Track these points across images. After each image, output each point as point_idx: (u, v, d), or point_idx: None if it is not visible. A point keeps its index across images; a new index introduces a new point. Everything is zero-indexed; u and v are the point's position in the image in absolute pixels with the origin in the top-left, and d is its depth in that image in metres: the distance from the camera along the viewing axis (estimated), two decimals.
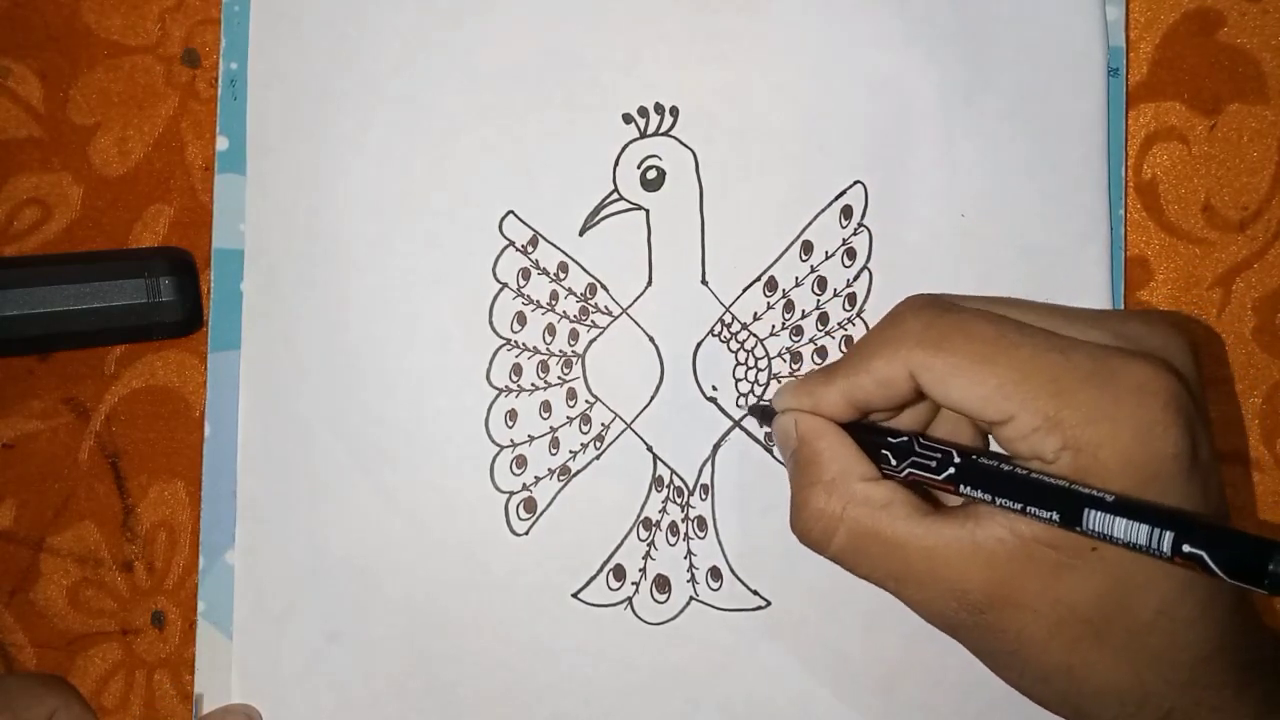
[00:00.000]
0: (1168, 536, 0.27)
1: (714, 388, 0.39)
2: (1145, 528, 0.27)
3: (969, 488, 0.31)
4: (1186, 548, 0.27)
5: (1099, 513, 0.28)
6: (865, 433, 0.34)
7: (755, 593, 0.39)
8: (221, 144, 0.40)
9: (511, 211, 0.40)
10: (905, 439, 0.33)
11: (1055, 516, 0.29)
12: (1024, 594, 0.30)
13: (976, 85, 0.40)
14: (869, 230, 0.40)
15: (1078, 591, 0.30)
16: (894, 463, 0.33)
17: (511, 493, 0.39)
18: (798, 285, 0.40)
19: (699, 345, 0.40)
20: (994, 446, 0.35)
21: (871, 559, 0.32)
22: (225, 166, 0.40)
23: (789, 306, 0.40)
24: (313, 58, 0.40)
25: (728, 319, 0.40)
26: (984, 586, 0.30)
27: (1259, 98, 0.41)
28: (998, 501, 0.30)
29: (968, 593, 0.31)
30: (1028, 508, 0.29)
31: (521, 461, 0.39)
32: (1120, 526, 0.28)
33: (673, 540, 0.39)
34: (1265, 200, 0.41)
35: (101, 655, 0.40)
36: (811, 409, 0.34)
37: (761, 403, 0.39)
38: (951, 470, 0.31)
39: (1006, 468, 0.30)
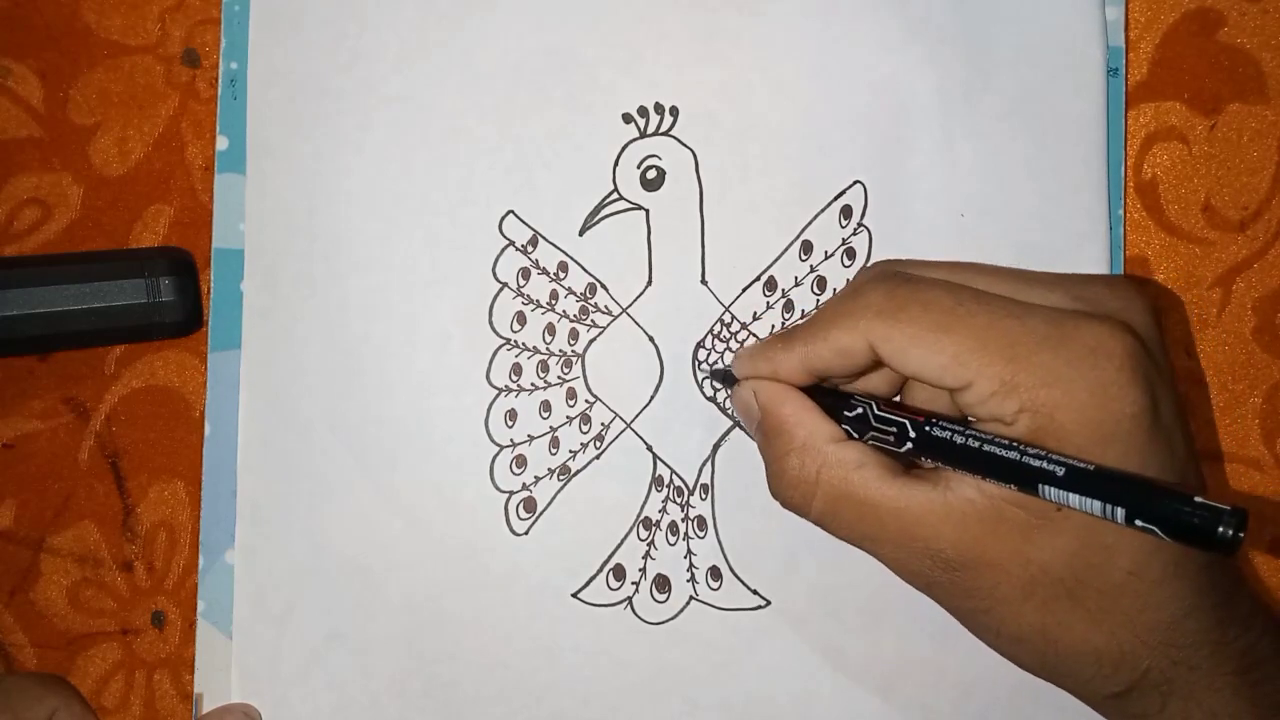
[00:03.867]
0: (1119, 512, 0.27)
1: (714, 387, 0.39)
2: (1098, 503, 0.28)
3: (927, 458, 0.31)
4: (1139, 522, 0.27)
5: (1052, 488, 0.28)
6: (825, 397, 0.34)
7: (755, 592, 0.39)
8: (221, 144, 0.40)
9: (511, 211, 0.40)
10: (861, 411, 0.33)
11: (1013, 487, 0.29)
12: (995, 553, 0.31)
13: (976, 85, 0.40)
14: (868, 230, 0.40)
15: (1048, 551, 0.30)
16: (854, 435, 0.33)
17: (511, 492, 0.39)
18: (797, 285, 0.40)
19: (699, 345, 0.40)
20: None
21: (847, 521, 0.33)
22: (225, 166, 0.40)
23: (789, 306, 0.40)
24: (313, 58, 0.40)
25: (727, 319, 0.40)
26: (956, 546, 0.31)
27: (1259, 98, 0.41)
28: (957, 470, 0.31)
29: (940, 552, 0.31)
30: (987, 479, 0.30)
31: (521, 461, 0.39)
32: (1074, 500, 0.28)
33: (672, 540, 0.39)
34: (1265, 200, 0.41)
35: (101, 655, 0.40)
36: (770, 374, 0.34)
37: (721, 367, 0.39)
38: (909, 444, 0.32)
39: (960, 440, 0.30)
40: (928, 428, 0.31)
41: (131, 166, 0.40)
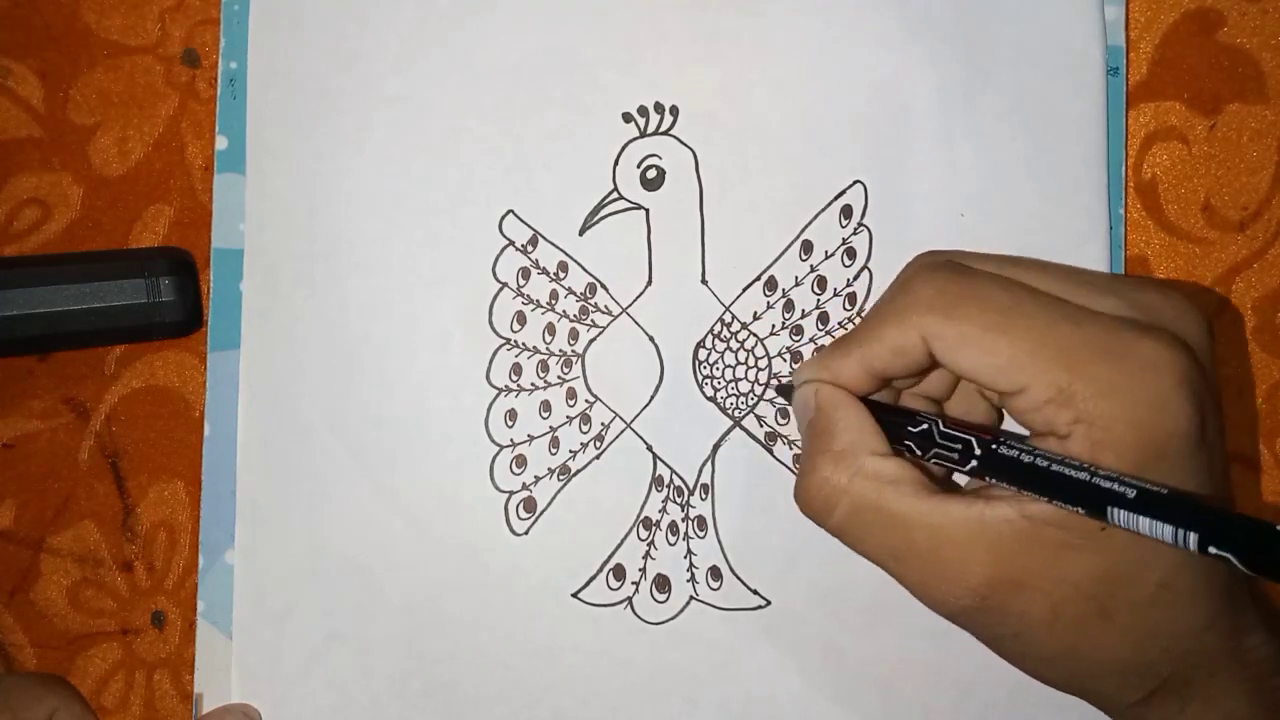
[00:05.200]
0: (1193, 537, 0.27)
1: (714, 387, 0.39)
2: (1170, 528, 0.27)
3: (992, 478, 0.31)
4: (1212, 549, 0.26)
5: (1122, 510, 0.28)
6: (888, 414, 0.33)
7: (755, 592, 0.39)
8: (221, 144, 0.40)
9: (511, 211, 0.40)
10: (926, 426, 0.32)
11: (1080, 510, 0.29)
12: (1027, 575, 0.30)
13: (976, 85, 0.40)
14: (869, 230, 0.40)
15: (1081, 570, 0.30)
16: (918, 452, 0.32)
17: (511, 492, 0.39)
18: (798, 285, 0.40)
19: (699, 345, 0.40)
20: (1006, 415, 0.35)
21: (873, 535, 0.32)
22: (225, 166, 0.40)
23: (789, 306, 0.40)
24: (313, 58, 0.40)
25: (728, 318, 0.40)
26: (987, 569, 0.30)
27: (1259, 98, 0.41)
28: (1022, 492, 0.30)
29: (971, 575, 0.30)
30: (1052, 500, 0.29)
31: (521, 461, 0.39)
32: (1144, 524, 0.27)
33: (673, 540, 0.39)
34: (1265, 200, 0.41)
35: (101, 655, 0.40)
36: (831, 380, 0.33)
37: (783, 380, 0.39)
38: (974, 462, 0.31)
39: (1028, 459, 0.30)
40: (994, 446, 0.31)
41: (131, 166, 0.40)
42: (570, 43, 0.40)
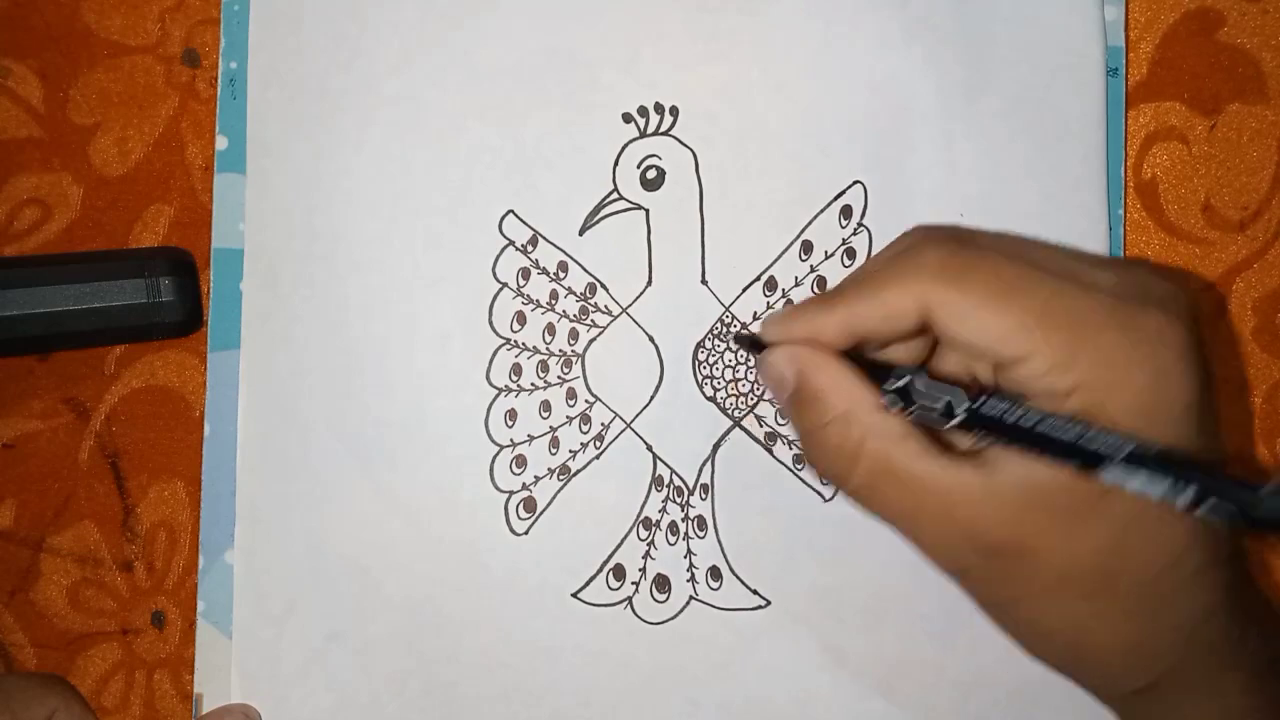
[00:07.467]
0: (1189, 492, 0.27)
1: (714, 387, 0.39)
2: (1166, 483, 0.27)
3: (977, 434, 0.30)
4: (1210, 501, 0.26)
5: (1115, 467, 0.28)
6: (863, 367, 0.32)
7: (755, 592, 0.39)
8: (221, 144, 0.40)
9: (511, 211, 0.40)
10: (906, 382, 0.31)
11: (1073, 465, 0.29)
12: (1035, 540, 0.30)
13: (976, 85, 0.40)
14: (868, 230, 0.40)
15: (1089, 540, 0.30)
16: (891, 409, 0.32)
17: (511, 492, 0.39)
18: (797, 285, 0.40)
19: (699, 345, 0.40)
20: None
21: (886, 497, 0.31)
22: (225, 166, 0.40)
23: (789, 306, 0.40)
24: (313, 57, 0.40)
25: (727, 319, 0.40)
26: (997, 531, 0.30)
27: (1259, 98, 0.41)
28: (1009, 447, 0.30)
29: (980, 535, 0.30)
30: (1043, 454, 0.29)
31: (521, 461, 0.39)
32: (1137, 480, 0.27)
33: (672, 540, 0.39)
34: (1265, 200, 0.41)
35: (101, 655, 0.40)
36: (806, 338, 0.32)
37: (746, 331, 0.38)
38: (959, 418, 0.30)
39: (1011, 419, 0.29)
40: (976, 405, 0.30)
41: (131, 166, 0.41)
42: (570, 43, 0.40)
